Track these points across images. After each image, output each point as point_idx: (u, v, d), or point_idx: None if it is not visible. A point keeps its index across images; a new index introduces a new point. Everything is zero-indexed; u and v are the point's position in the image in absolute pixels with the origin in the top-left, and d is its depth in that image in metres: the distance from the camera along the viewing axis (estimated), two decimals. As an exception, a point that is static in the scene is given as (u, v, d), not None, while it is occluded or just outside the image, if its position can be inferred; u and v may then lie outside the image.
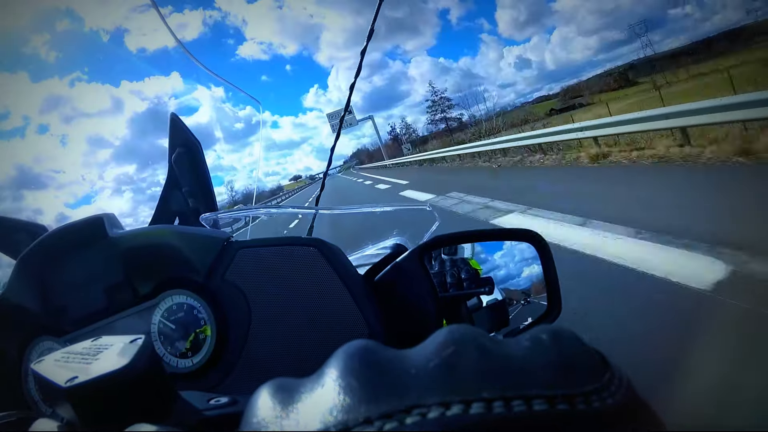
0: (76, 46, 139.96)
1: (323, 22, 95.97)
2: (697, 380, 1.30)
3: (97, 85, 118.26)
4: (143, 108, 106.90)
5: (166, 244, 0.52)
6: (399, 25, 74.24)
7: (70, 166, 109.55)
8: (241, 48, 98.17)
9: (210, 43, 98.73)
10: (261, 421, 0.14)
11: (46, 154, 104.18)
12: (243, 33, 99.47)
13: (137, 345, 0.25)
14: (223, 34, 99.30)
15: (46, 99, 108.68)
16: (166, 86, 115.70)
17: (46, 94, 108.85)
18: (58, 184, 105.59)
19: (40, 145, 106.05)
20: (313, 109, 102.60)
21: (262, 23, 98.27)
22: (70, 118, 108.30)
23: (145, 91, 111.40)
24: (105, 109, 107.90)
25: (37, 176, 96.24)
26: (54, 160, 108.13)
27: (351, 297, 0.48)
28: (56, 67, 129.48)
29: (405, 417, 0.12)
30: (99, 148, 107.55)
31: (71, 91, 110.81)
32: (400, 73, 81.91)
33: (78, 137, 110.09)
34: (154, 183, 70.67)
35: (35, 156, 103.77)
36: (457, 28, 62.49)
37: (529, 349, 0.14)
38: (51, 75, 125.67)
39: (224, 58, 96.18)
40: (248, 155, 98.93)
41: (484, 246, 0.57)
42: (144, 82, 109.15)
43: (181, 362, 0.49)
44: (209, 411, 0.27)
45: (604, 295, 2.16)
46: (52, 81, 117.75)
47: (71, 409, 0.23)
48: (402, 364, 0.14)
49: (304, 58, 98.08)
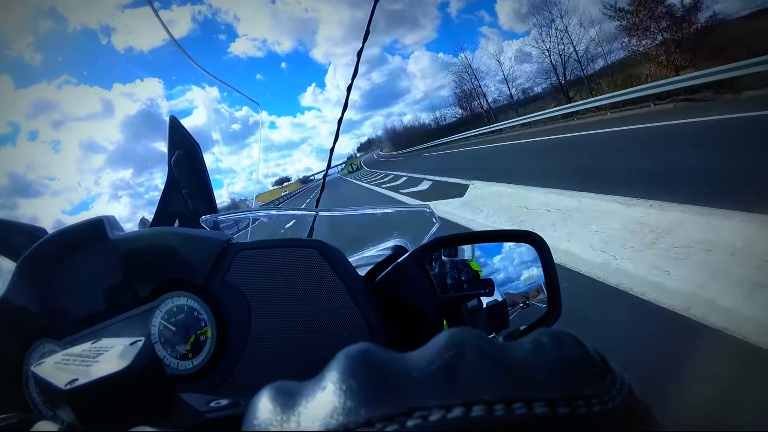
0: (63, 47, 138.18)
1: (319, 16, 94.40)
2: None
3: (88, 88, 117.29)
4: (137, 111, 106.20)
5: (166, 246, 0.52)
6: (398, 17, 72.77)
7: (64, 172, 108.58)
8: (233, 45, 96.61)
9: (200, 41, 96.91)
10: (262, 423, 0.14)
11: (38, 161, 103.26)
12: (235, 29, 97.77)
13: (137, 347, 0.25)
14: (213, 31, 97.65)
15: (34, 104, 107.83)
16: (158, 88, 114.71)
17: (34, 99, 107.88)
18: (53, 192, 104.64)
19: (32, 152, 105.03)
20: (311, 108, 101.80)
21: (254, 19, 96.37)
22: (60, 123, 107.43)
23: (137, 93, 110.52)
24: (97, 113, 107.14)
25: (30, 184, 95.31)
26: (47, 167, 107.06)
27: (351, 298, 0.48)
28: (42, 71, 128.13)
29: (406, 419, 0.12)
30: (93, 153, 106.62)
31: (60, 95, 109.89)
32: (399, 69, 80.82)
33: (71, 143, 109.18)
34: (152, 188, 70.40)
35: (27, 163, 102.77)
36: (457, 21, 61.75)
37: (531, 351, 0.15)
38: (39, 79, 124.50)
39: (216, 56, 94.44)
40: (247, 157, 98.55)
41: (484, 248, 0.57)
42: (135, 84, 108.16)
43: (181, 364, 0.49)
44: (210, 413, 0.27)
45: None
46: (40, 85, 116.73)
47: (71, 411, 0.23)
48: (403, 367, 0.14)
49: (300, 55, 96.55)
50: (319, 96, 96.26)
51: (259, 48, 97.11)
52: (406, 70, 77.82)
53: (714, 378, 1.32)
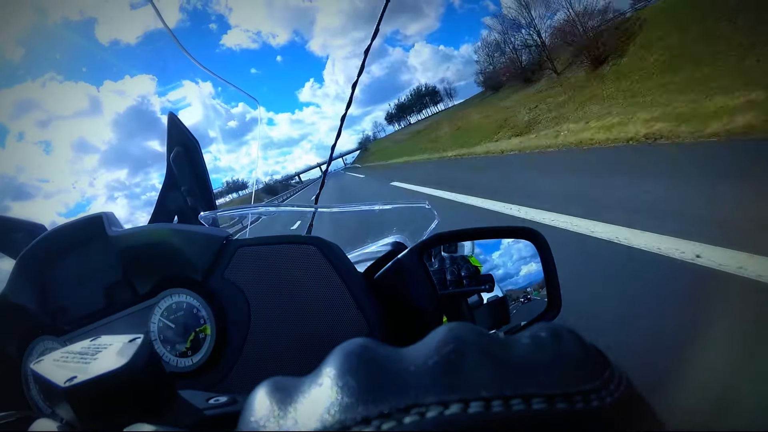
0: (45, 42, 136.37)
1: (316, 5, 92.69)
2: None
3: (74, 86, 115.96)
4: (129, 108, 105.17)
5: (165, 242, 0.52)
6: (401, 4, 70.71)
7: (57, 174, 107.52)
8: (225, 37, 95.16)
9: (190, 32, 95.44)
10: (258, 420, 0.14)
11: (29, 162, 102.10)
12: (227, 20, 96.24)
13: (136, 344, 0.25)
14: (204, 21, 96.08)
15: (18, 104, 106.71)
16: (150, 85, 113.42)
17: (16, 98, 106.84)
18: (46, 194, 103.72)
19: (21, 154, 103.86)
20: (309, 104, 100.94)
21: (248, 8, 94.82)
22: (47, 123, 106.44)
23: (128, 90, 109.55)
24: (85, 111, 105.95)
25: (21, 186, 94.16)
26: (38, 168, 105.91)
27: (351, 295, 0.48)
28: (25, 69, 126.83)
29: (403, 416, 0.12)
30: (86, 154, 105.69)
31: (45, 93, 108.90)
32: (400, 62, 79.98)
33: (62, 143, 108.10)
34: (149, 188, 69.62)
35: (17, 165, 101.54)
36: (460, 10, 60.48)
37: (529, 347, 0.14)
38: (23, 78, 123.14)
39: (208, 48, 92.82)
40: (245, 155, 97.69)
41: (484, 243, 0.57)
42: (125, 80, 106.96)
43: (180, 361, 0.49)
44: (209, 410, 0.27)
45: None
46: (25, 84, 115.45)
47: (70, 408, 0.23)
48: (400, 363, 0.14)
49: (297, 47, 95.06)
50: (318, 91, 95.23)
51: (253, 39, 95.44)
52: (407, 63, 77.08)
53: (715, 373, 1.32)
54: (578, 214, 2.99)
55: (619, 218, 2.65)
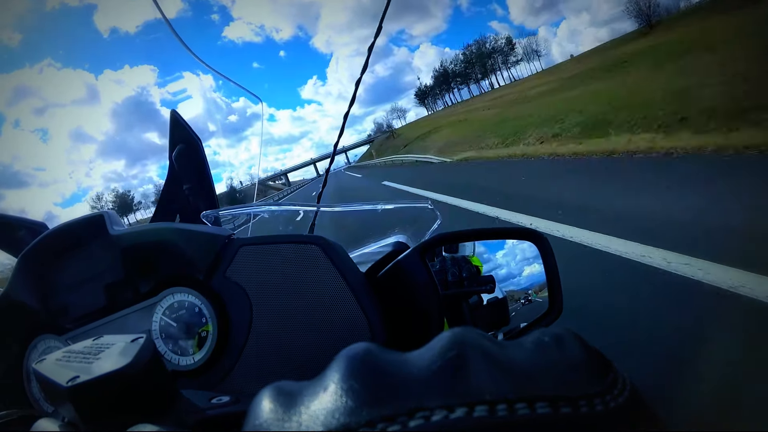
0: (43, 28, 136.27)
1: (321, 1, 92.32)
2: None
3: (72, 73, 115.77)
4: (127, 99, 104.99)
5: (167, 241, 0.52)
6: (408, 3, 70.24)
7: (54, 163, 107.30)
8: (228, 29, 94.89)
9: (192, 23, 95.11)
10: (263, 424, 0.14)
11: (25, 150, 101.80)
12: (230, 11, 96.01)
13: (138, 344, 0.25)
14: (206, 11, 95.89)
15: (15, 90, 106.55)
16: (150, 76, 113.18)
17: (16, 84, 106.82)
18: (41, 182, 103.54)
19: (18, 141, 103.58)
20: (311, 102, 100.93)
21: (251, 0, 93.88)
22: (43, 111, 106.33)
23: (127, 80, 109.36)
24: (83, 100, 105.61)
25: (15, 174, 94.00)
26: (34, 157, 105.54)
27: (353, 294, 0.48)
28: (22, 54, 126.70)
29: (408, 420, 0.12)
30: (83, 143, 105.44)
31: (42, 80, 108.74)
32: (405, 63, 79.88)
33: (59, 132, 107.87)
34: (146, 180, 69.39)
35: (13, 153, 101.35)
36: (467, 13, 60.27)
37: (533, 351, 0.14)
38: (21, 64, 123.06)
39: (210, 40, 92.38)
40: (245, 150, 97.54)
41: (486, 244, 0.57)
42: (125, 70, 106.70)
43: (182, 360, 0.49)
44: (211, 410, 0.27)
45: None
46: (22, 70, 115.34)
47: (73, 408, 0.23)
48: (404, 367, 0.14)
49: (300, 43, 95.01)
50: (321, 89, 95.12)
51: (256, 33, 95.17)
52: (411, 63, 76.93)
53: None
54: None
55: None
